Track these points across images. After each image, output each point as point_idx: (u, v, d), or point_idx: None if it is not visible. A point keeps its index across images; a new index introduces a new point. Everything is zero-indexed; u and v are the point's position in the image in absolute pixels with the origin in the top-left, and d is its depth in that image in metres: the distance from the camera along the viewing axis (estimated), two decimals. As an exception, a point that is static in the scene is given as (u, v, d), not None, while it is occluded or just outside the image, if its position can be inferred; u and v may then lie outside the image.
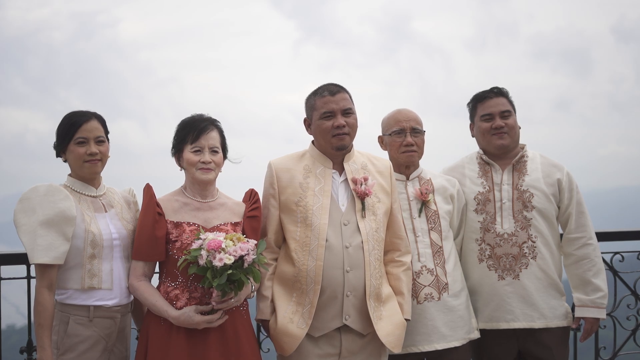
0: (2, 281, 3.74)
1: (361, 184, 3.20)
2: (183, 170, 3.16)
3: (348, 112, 3.21)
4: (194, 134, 3.05)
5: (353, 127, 3.23)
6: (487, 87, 3.68)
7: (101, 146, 3.05)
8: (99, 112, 3.11)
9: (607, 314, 4.25)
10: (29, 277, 3.78)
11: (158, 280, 3.13)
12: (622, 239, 4.46)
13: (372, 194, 3.22)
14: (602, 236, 4.23)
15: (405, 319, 3.26)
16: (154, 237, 2.98)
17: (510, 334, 3.51)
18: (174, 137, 3.13)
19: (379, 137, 3.59)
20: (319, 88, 3.26)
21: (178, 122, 3.16)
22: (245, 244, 2.86)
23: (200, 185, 3.10)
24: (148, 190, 3.06)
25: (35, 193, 2.95)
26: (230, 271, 2.79)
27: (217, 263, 2.77)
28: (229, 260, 2.78)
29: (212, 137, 3.08)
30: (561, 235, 3.64)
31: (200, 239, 2.87)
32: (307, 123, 3.31)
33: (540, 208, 3.49)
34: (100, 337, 2.99)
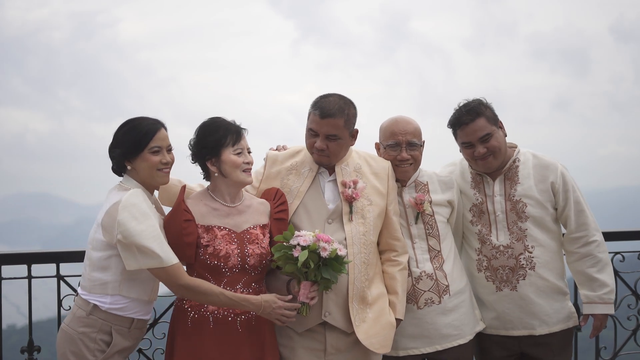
0: (2, 281, 3.75)
1: (349, 188, 3.20)
2: (208, 178, 3.11)
3: (332, 138, 3.16)
4: (234, 136, 3.02)
5: (334, 152, 3.18)
6: (486, 87, 3.61)
7: (171, 155, 3.05)
8: (98, 112, 3.11)
9: (607, 314, 4.24)
10: (29, 277, 3.79)
11: None
12: (622, 239, 4.44)
13: (363, 197, 3.22)
14: (603, 236, 4.23)
15: (399, 319, 3.25)
16: (183, 243, 2.96)
17: (513, 338, 3.49)
18: (205, 141, 3.03)
19: (376, 144, 3.52)
20: (319, 101, 3.19)
21: (175, 121, 3.14)
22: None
23: (237, 188, 3.08)
24: (180, 193, 3.05)
25: (137, 198, 2.87)
26: (348, 260, 2.99)
27: (340, 253, 2.92)
28: (341, 252, 2.94)
29: (245, 139, 3.09)
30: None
31: (300, 236, 2.91)
32: None
33: (536, 216, 3.43)
34: (131, 347, 3.04)
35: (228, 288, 2.98)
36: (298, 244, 2.89)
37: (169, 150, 3.04)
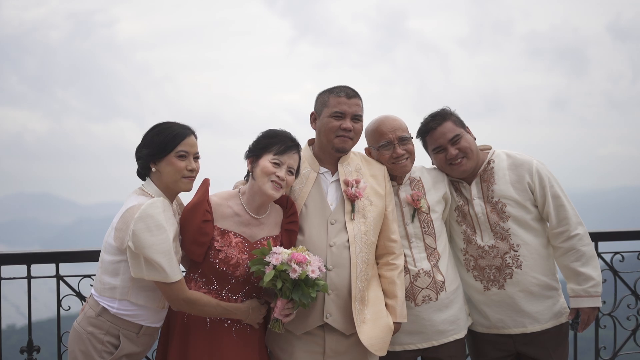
0: (2, 281, 3.75)
1: (352, 187, 3.22)
2: (248, 177, 3.12)
3: (357, 118, 3.24)
4: (281, 148, 3.01)
5: (358, 133, 3.26)
6: (484, 87, 3.58)
7: (197, 163, 3.01)
8: (96, 112, 3.07)
9: (607, 314, 4.23)
10: (29, 277, 3.79)
11: (185, 275, 3.09)
12: (622, 239, 4.44)
13: (364, 197, 3.23)
14: (602, 236, 4.22)
15: (400, 322, 3.26)
16: (197, 242, 2.96)
17: (507, 337, 3.49)
18: (256, 142, 3.08)
19: (366, 149, 3.54)
20: (336, 87, 3.28)
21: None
22: (316, 257, 2.97)
23: (262, 198, 3.05)
24: (204, 191, 3.01)
25: (155, 209, 2.81)
26: (322, 282, 2.95)
27: (312, 275, 2.89)
28: (313, 274, 2.91)
29: (295, 159, 3.06)
30: None
31: (276, 253, 2.89)
32: (314, 117, 3.33)
33: (516, 216, 3.42)
34: (140, 352, 3.03)
35: (230, 294, 3.00)
36: (271, 262, 2.89)
37: (196, 158, 3.00)
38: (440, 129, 3.44)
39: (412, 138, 3.45)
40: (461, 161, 3.43)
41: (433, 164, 3.60)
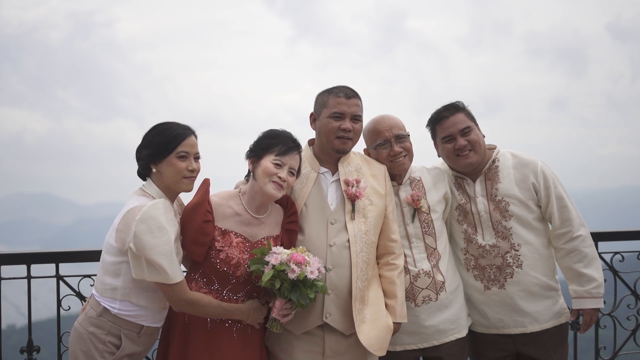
0: (2, 281, 3.75)
1: (352, 186, 3.22)
2: (248, 177, 3.12)
3: (357, 118, 3.25)
4: (283, 149, 3.01)
5: (358, 134, 3.27)
6: (483, 87, 3.59)
7: (197, 163, 3.01)
8: (96, 112, 3.06)
9: (607, 314, 4.23)
10: (29, 277, 3.79)
11: (186, 275, 3.09)
12: (622, 239, 4.44)
13: (364, 197, 3.24)
14: (602, 236, 4.23)
15: (399, 322, 3.26)
16: (198, 242, 2.97)
17: (506, 337, 3.50)
18: (257, 142, 3.08)
19: (365, 149, 3.55)
20: (335, 88, 3.28)
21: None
22: (315, 258, 2.97)
23: (263, 198, 3.05)
24: (205, 191, 3.02)
25: (157, 211, 2.82)
26: (321, 283, 2.95)
27: (311, 276, 2.88)
28: (312, 275, 2.90)
29: (296, 160, 3.06)
30: None
31: (275, 253, 2.90)
32: (313, 118, 3.33)
33: (519, 215, 3.43)
34: (141, 352, 3.03)
35: (231, 294, 3.00)
36: (270, 262, 2.90)
37: (197, 158, 3.00)
38: (453, 118, 3.46)
39: (409, 136, 3.46)
40: (468, 153, 3.43)
41: (439, 156, 3.59)
